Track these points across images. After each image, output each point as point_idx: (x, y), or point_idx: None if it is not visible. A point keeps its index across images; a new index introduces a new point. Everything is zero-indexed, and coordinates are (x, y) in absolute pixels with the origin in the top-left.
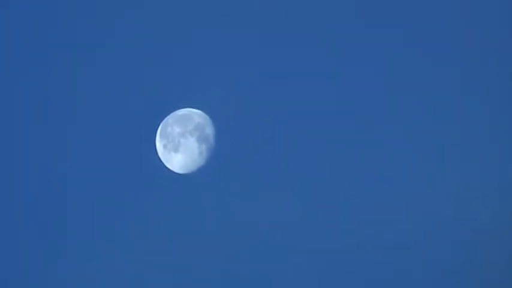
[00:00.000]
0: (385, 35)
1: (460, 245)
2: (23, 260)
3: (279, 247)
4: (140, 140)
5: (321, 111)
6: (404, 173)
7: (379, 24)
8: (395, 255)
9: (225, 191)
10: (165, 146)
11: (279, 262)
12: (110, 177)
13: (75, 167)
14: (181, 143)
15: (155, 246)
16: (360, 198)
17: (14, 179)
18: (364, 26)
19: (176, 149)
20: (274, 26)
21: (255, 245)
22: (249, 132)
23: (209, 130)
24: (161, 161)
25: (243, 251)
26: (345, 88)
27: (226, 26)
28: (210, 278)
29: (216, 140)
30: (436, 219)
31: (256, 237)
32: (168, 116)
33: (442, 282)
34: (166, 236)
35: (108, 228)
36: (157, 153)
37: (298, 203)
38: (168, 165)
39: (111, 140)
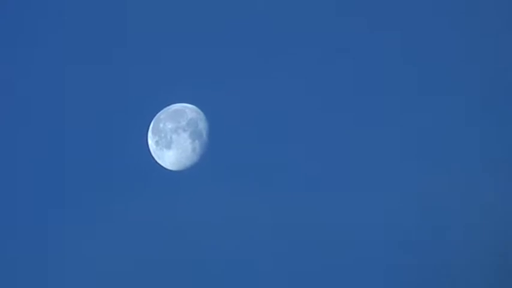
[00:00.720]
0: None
1: (458, 243)
2: (11, 259)
3: (272, 243)
4: (132, 136)
5: (315, 107)
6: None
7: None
8: (394, 254)
9: (218, 188)
10: (157, 143)
11: (273, 259)
12: (101, 175)
13: (66, 164)
14: (173, 140)
15: (147, 244)
16: (355, 193)
17: (4, 176)
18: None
19: (168, 146)
20: (268, 23)
21: (249, 241)
22: (244, 128)
23: (202, 125)
24: (153, 158)
25: (237, 247)
26: (339, 85)
27: (219, 22)
28: (202, 274)
29: (209, 136)
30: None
31: (250, 234)
32: (160, 112)
33: (440, 281)
34: (159, 234)
35: (99, 226)
36: (149, 150)
37: (292, 199)
38: (160, 162)
39: (102, 137)
